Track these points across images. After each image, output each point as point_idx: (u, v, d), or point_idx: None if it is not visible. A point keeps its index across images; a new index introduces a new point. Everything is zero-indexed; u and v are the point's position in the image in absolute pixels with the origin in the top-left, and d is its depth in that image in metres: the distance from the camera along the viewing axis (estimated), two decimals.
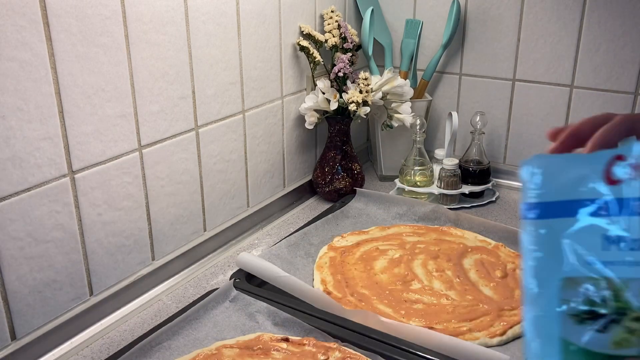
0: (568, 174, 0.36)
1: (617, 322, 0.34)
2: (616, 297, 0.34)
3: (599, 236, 0.34)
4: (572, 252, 0.35)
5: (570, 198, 0.35)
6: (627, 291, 0.34)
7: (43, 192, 0.74)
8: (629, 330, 0.33)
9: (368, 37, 1.22)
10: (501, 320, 0.80)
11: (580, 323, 0.34)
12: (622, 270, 0.34)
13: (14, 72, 0.68)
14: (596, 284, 0.34)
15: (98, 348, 0.80)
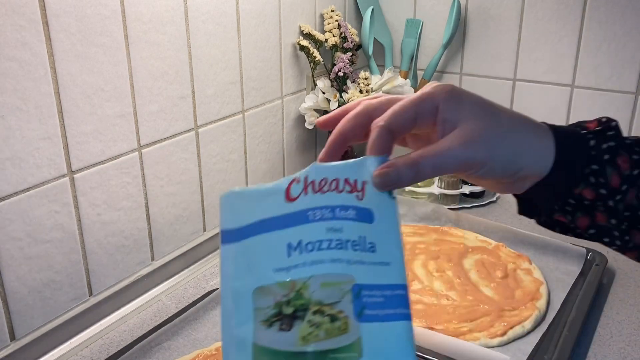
0: (259, 200, 0.40)
1: (301, 318, 0.37)
2: (299, 296, 0.37)
3: (283, 245, 0.39)
4: (263, 263, 0.38)
5: (259, 219, 0.40)
6: (308, 289, 0.37)
7: (42, 192, 0.74)
8: (312, 324, 0.37)
9: (368, 36, 1.22)
10: (502, 321, 0.80)
11: (269, 326, 0.37)
12: (302, 271, 0.38)
13: (13, 71, 0.68)
14: (282, 287, 0.38)
15: (97, 348, 0.80)
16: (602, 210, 0.44)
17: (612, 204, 0.44)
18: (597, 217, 0.45)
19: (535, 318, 0.81)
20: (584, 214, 0.45)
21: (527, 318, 0.81)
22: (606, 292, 0.90)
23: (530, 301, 0.84)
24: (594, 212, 0.45)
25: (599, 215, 0.45)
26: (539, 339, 0.77)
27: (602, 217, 0.45)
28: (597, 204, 0.44)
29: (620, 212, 0.44)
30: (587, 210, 0.45)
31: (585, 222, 0.45)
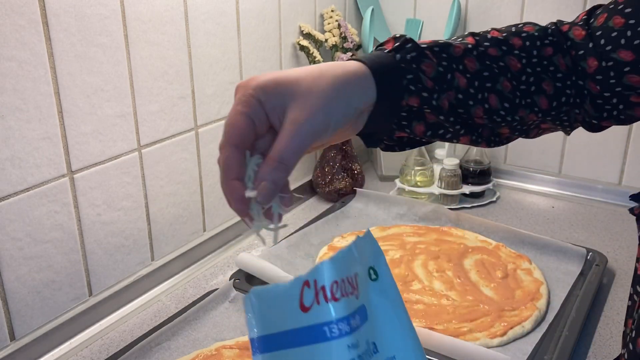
0: (278, 305, 0.38)
1: None
2: None
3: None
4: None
5: (282, 329, 0.38)
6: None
7: (42, 192, 0.74)
8: None
9: (368, 36, 1.22)
10: (502, 321, 0.80)
11: None
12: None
13: (13, 71, 0.68)
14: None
15: (97, 349, 0.80)
16: (429, 111, 0.51)
17: (435, 102, 0.50)
18: (427, 119, 0.52)
19: (535, 318, 0.81)
20: (418, 121, 0.52)
21: (527, 318, 0.81)
22: (606, 292, 0.90)
23: (530, 301, 0.84)
24: (424, 116, 0.52)
25: (428, 116, 0.51)
26: (539, 339, 0.77)
27: (431, 116, 0.51)
28: (423, 108, 0.50)
29: (444, 107, 0.51)
30: (418, 116, 0.51)
31: (421, 127, 0.52)
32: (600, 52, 0.53)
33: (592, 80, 0.54)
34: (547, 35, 0.55)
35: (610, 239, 1.06)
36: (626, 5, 0.52)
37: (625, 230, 1.09)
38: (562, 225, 1.11)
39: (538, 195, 1.24)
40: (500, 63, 0.53)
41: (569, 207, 1.19)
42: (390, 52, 0.50)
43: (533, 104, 0.55)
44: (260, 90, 0.43)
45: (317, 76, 0.44)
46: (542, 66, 0.55)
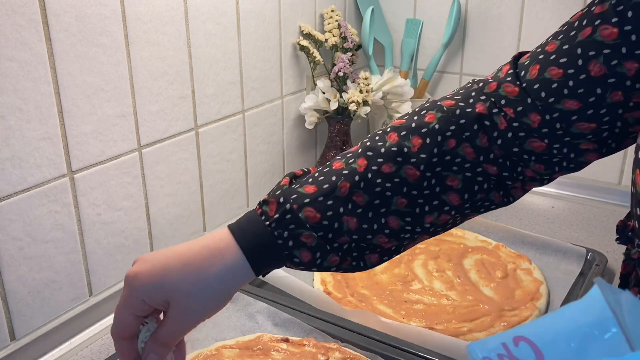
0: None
1: None
2: None
3: None
4: None
5: None
6: None
7: (42, 192, 0.74)
8: None
9: (368, 36, 1.22)
10: (502, 321, 0.80)
11: None
12: None
13: (13, 71, 0.68)
14: None
15: (97, 348, 0.80)
16: (317, 265, 0.54)
17: (319, 262, 0.53)
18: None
19: (535, 318, 0.81)
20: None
21: (527, 318, 0.81)
22: None
23: (530, 301, 0.84)
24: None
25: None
26: None
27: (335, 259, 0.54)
28: (309, 267, 0.54)
29: (333, 263, 0.53)
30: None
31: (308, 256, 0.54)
32: (542, 105, 0.52)
33: (538, 136, 0.52)
34: (450, 122, 0.54)
35: (610, 239, 1.05)
36: (559, 55, 0.51)
37: None
38: (562, 225, 1.11)
39: (538, 195, 1.24)
40: (395, 180, 0.53)
41: (569, 207, 1.19)
42: (269, 224, 0.52)
43: (440, 204, 0.54)
44: (143, 293, 0.50)
45: (193, 279, 0.50)
46: (444, 163, 0.53)
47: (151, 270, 0.50)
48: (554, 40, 0.53)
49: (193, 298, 0.50)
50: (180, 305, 0.50)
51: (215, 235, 0.53)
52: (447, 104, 0.55)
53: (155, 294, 0.50)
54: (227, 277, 0.51)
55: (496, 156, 0.54)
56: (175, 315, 0.50)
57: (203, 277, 0.50)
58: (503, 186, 0.56)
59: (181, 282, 0.50)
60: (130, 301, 0.50)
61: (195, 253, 0.51)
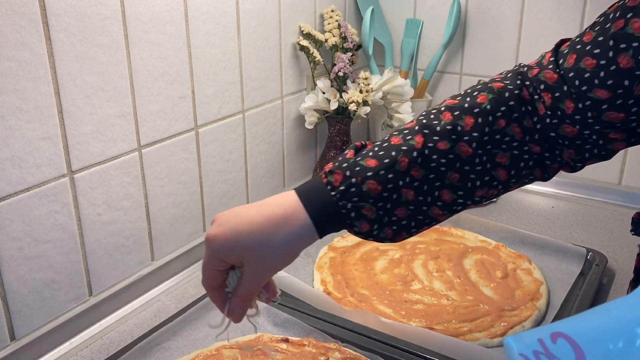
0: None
1: None
2: None
3: None
4: None
5: None
6: None
7: (42, 192, 0.74)
8: None
9: (368, 36, 1.22)
10: (502, 321, 0.80)
11: None
12: None
13: (13, 71, 0.68)
14: None
15: (97, 349, 0.80)
16: (374, 235, 0.59)
17: (377, 233, 0.58)
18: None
19: (535, 318, 0.81)
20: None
21: (527, 318, 0.81)
22: (606, 292, 0.90)
23: (530, 301, 0.84)
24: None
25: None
26: None
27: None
28: (366, 236, 0.59)
29: (388, 234, 0.58)
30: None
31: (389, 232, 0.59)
32: (576, 93, 0.55)
33: (570, 122, 0.56)
34: (500, 103, 0.57)
35: (610, 239, 1.06)
36: (593, 46, 0.54)
37: (625, 230, 1.09)
38: (562, 225, 1.11)
39: (538, 195, 1.24)
40: (450, 156, 0.57)
41: (569, 207, 1.19)
42: (334, 195, 0.56)
43: (490, 180, 0.59)
44: (221, 254, 0.56)
45: (263, 244, 0.55)
46: (495, 142, 0.57)
47: (225, 234, 0.55)
48: (590, 30, 0.55)
49: (263, 259, 0.55)
50: (253, 265, 0.56)
51: (284, 200, 0.57)
52: (496, 86, 0.59)
53: (230, 255, 0.56)
54: (294, 241, 0.56)
55: (540, 137, 0.58)
56: (249, 273, 0.56)
57: (271, 242, 0.55)
58: (543, 164, 0.60)
59: (252, 246, 0.55)
60: (212, 260, 0.57)
61: (265, 219, 0.55)
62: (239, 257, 0.56)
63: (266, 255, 0.55)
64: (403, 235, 0.59)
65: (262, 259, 0.55)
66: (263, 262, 0.56)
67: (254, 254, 0.55)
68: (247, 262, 0.56)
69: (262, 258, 0.55)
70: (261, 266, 0.56)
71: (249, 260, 0.56)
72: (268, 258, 0.56)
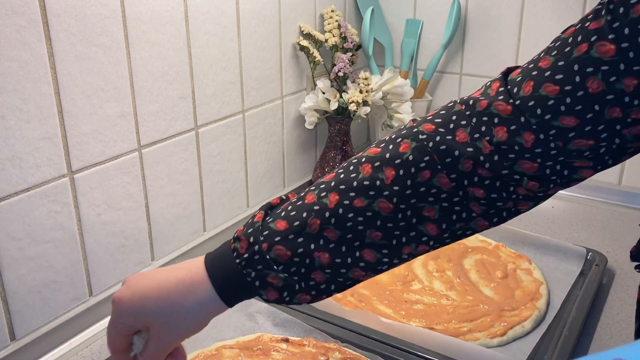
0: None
1: None
2: None
3: None
4: None
5: None
6: None
7: (42, 192, 0.74)
8: None
9: (368, 36, 1.22)
10: (502, 321, 0.80)
11: None
12: None
13: (13, 71, 0.68)
14: None
15: (97, 349, 0.80)
16: (286, 302, 0.57)
17: (288, 300, 0.56)
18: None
19: (535, 318, 0.81)
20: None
21: (527, 318, 0.81)
22: (606, 292, 0.90)
23: (530, 301, 0.84)
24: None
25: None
26: (539, 339, 0.77)
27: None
28: (279, 303, 0.56)
29: (304, 300, 0.56)
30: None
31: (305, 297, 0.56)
32: (537, 123, 0.50)
33: (530, 157, 0.51)
34: (424, 153, 0.53)
35: (610, 239, 1.06)
36: (554, 71, 0.50)
37: (625, 230, 1.09)
38: (562, 225, 1.11)
39: None
40: (368, 213, 0.52)
41: (569, 207, 1.19)
42: (239, 262, 0.55)
43: (419, 234, 0.54)
44: (126, 318, 0.56)
45: (168, 311, 0.54)
46: (419, 194, 0.53)
47: (132, 298, 0.55)
48: (547, 56, 0.51)
49: (169, 326, 0.55)
50: (159, 331, 0.55)
51: (192, 268, 0.57)
52: (426, 128, 0.54)
53: (135, 320, 0.56)
54: (200, 310, 0.55)
55: (482, 178, 0.53)
56: (155, 339, 0.56)
57: (177, 310, 0.55)
58: (494, 207, 0.56)
59: (158, 312, 0.55)
60: (116, 323, 0.57)
61: (172, 286, 0.55)
62: (145, 322, 0.55)
63: (172, 322, 0.55)
64: (323, 297, 0.56)
65: (167, 325, 0.55)
66: (169, 329, 0.55)
67: (159, 320, 0.55)
68: (153, 328, 0.55)
69: (167, 324, 0.55)
70: (167, 333, 0.55)
71: (155, 326, 0.55)
72: (174, 325, 0.55)
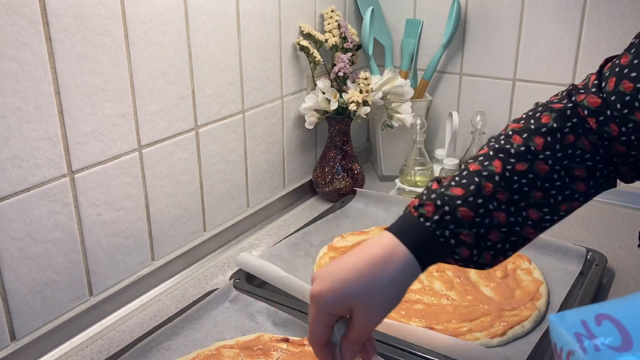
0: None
1: None
2: None
3: None
4: None
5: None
6: None
7: (42, 192, 0.74)
8: None
9: (368, 36, 1.22)
10: (501, 321, 0.80)
11: None
12: None
13: (13, 72, 0.68)
14: None
15: (97, 348, 0.80)
16: (474, 261, 0.59)
17: (476, 259, 0.58)
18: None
19: (535, 318, 0.81)
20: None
21: (526, 318, 0.81)
22: (606, 292, 0.90)
23: (530, 301, 0.84)
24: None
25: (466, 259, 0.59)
26: (538, 339, 0.77)
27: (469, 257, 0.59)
28: (467, 263, 0.59)
29: (486, 259, 0.59)
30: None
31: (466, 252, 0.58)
32: (619, 117, 0.56)
33: (618, 143, 0.58)
34: (565, 120, 0.59)
35: (610, 239, 1.06)
36: (630, 69, 0.56)
37: (625, 230, 1.09)
38: (562, 225, 1.10)
39: None
40: (529, 175, 0.58)
41: None
42: (430, 225, 0.57)
43: (572, 193, 0.60)
44: (330, 307, 0.56)
45: (370, 287, 0.55)
46: (568, 156, 0.59)
47: (331, 286, 0.55)
48: (627, 53, 0.57)
49: (373, 303, 0.56)
50: (363, 311, 0.56)
51: (380, 241, 0.57)
52: (557, 106, 0.61)
53: (340, 307, 0.56)
54: (399, 278, 0.56)
55: (604, 151, 0.59)
56: (360, 320, 0.56)
57: (378, 284, 0.55)
58: (611, 174, 0.61)
59: (360, 292, 0.55)
60: (320, 316, 0.57)
61: (367, 263, 0.56)
62: (349, 305, 0.56)
63: (375, 297, 0.56)
64: (500, 259, 0.59)
65: (371, 301, 0.56)
66: (372, 306, 0.56)
67: (363, 299, 0.55)
68: (357, 309, 0.56)
69: (371, 300, 0.56)
70: (371, 310, 0.56)
71: (359, 306, 0.56)
72: (377, 301, 0.56)
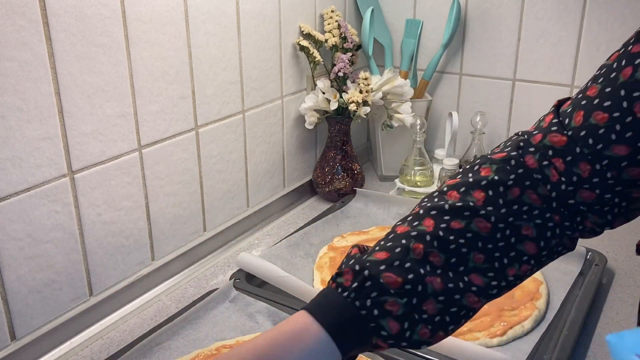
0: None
1: None
2: None
3: None
4: None
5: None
6: None
7: (42, 192, 0.74)
8: None
9: (368, 36, 1.22)
10: (501, 321, 0.80)
11: None
12: None
13: (13, 72, 0.68)
14: None
15: (98, 348, 0.80)
16: (407, 338, 0.49)
17: (409, 335, 0.48)
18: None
19: (535, 318, 0.81)
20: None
21: (526, 318, 0.81)
22: (606, 292, 0.90)
23: (529, 301, 0.84)
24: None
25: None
26: (538, 339, 0.77)
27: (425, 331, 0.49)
28: (398, 341, 0.49)
29: (424, 335, 0.49)
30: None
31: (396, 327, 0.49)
32: (591, 153, 0.49)
33: (589, 187, 0.50)
34: (508, 171, 0.52)
35: (610, 239, 1.06)
36: (602, 99, 0.49)
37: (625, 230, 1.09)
38: None
39: None
40: (468, 234, 0.50)
41: None
42: (348, 295, 0.48)
43: (519, 255, 0.52)
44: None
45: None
46: (514, 213, 0.51)
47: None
48: (594, 84, 0.51)
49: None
50: None
51: (290, 319, 0.49)
52: (498, 156, 0.53)
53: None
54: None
55: (557, 205, 0.52)
56: None
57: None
58: (565, 236, 0.54)
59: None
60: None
61: (271, 342, 0.47)
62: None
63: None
64: (440, 334, 0.50)
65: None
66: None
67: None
68: None
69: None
70: None
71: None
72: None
